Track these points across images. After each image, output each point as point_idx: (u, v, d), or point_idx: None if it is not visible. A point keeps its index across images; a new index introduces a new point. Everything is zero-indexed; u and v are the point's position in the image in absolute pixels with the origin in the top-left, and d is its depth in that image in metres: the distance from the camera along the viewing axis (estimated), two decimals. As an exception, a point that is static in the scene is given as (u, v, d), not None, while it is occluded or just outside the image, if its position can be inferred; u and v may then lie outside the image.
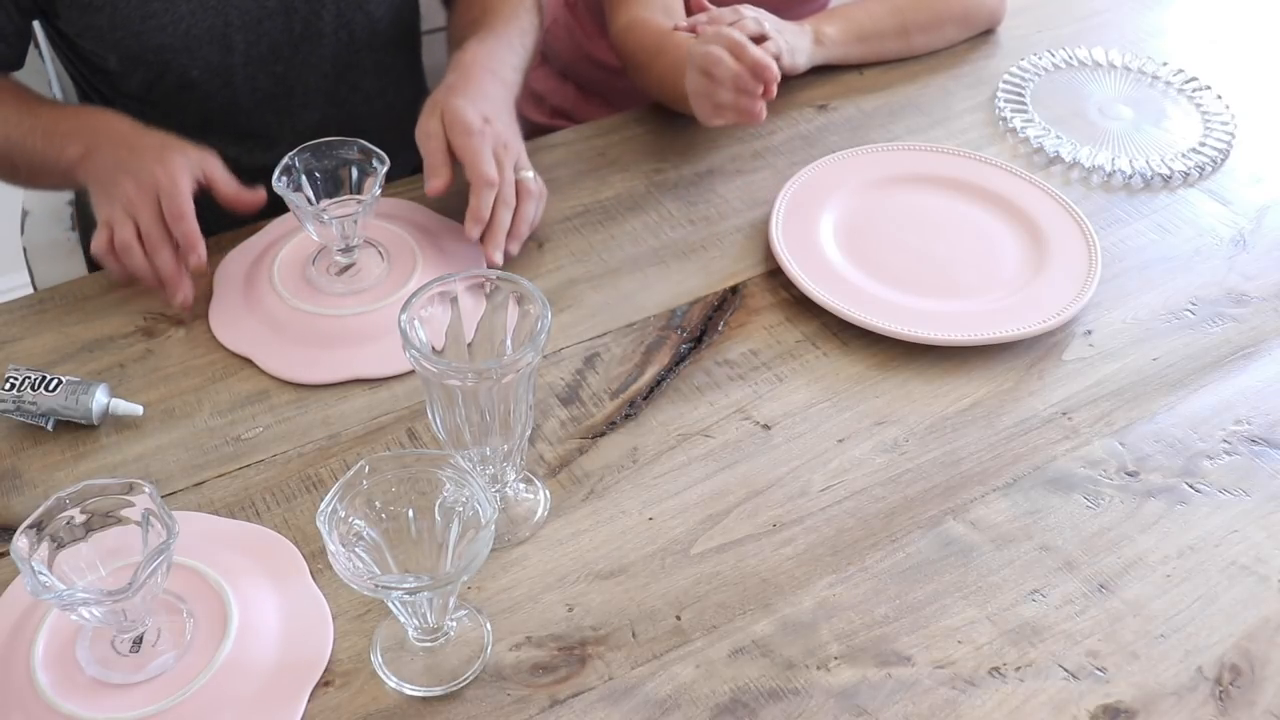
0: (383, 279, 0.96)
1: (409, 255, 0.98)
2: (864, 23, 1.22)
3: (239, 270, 0.98)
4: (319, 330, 0.91)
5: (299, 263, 0.97)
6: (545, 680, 0.71)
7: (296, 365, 0.89)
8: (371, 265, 0.97)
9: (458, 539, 0.68)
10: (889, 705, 0.70)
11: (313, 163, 0.93)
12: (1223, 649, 0.73)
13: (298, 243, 0.98)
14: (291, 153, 0.92)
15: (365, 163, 0.94)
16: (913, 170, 1.10)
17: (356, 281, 0.95)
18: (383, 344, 0.90)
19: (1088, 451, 0.85)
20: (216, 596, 0.72)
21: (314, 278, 0.95)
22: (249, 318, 0.93)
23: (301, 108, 1.14)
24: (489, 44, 1.04)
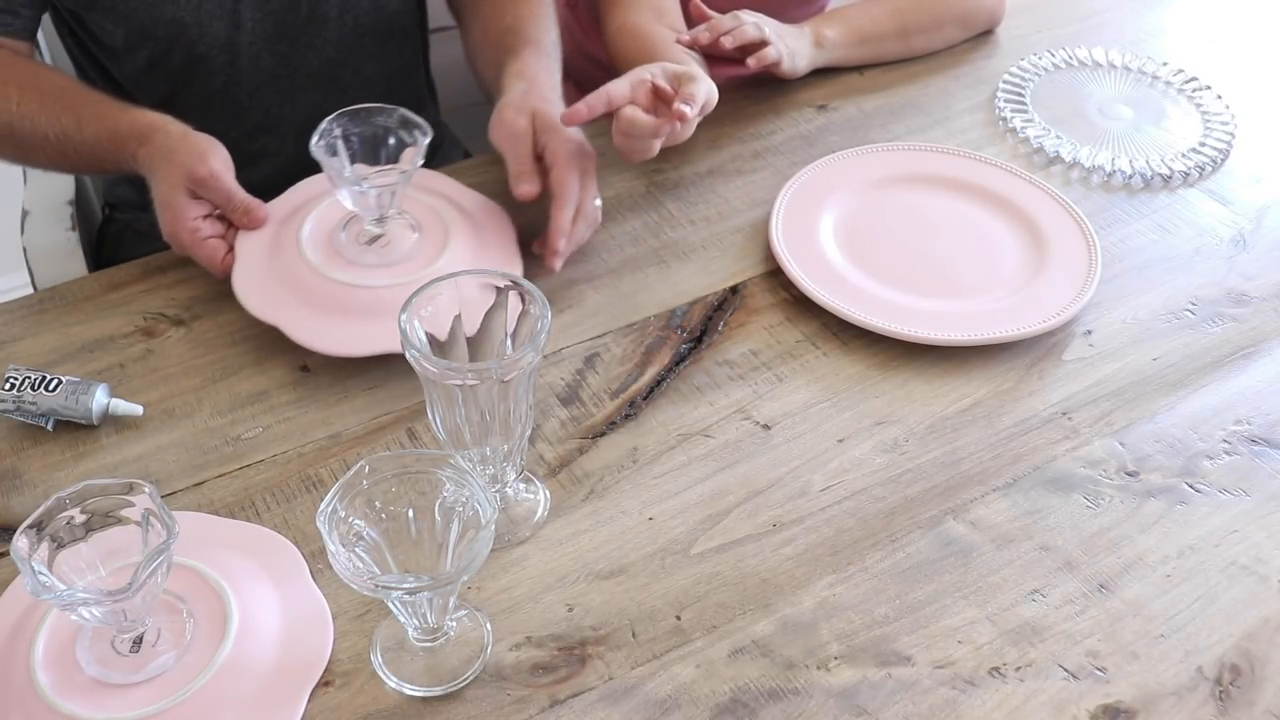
0: (414, 251, 0.93)
1: (439, 228, 0.95)
2: (864, 25, 1.22)
3: (263, 235, 0.94)
4: (353, 301, 0.89)
5: (327, 230, 0.94)
6: (545, 680, 0.71)
7: (331, 337, 0.87)
8: (403, 236, 0.94)
9: (458, 539, 0.68)
10: (889, 705, 0.70)
11: (350, 128, 0.91)
12: (1223, 649, 0.73)
13: (325, 209, 0.95)
14: (330, 117, 0.90)
15: (405, 131, 0.92)
16: (913, 170, 1.10)
17: (388, 253, 0.92)
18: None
19: (1088, 451, 0.85)
20: (216, 596, 0.72)
21: (343, 246, 0.93)
22: (276, 286, 0.90)
23: (303, 89, 1.13)
24: (545, 61, 1.04)
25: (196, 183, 0.91)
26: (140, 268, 1.00)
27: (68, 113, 0.96)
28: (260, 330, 0.94)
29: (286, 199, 0.98)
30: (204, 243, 0.91)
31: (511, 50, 1.05)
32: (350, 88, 1.16)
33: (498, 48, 1.07)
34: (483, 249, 0.95)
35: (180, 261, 1.00)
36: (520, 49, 1.05)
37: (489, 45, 1.10)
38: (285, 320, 0.88)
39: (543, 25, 1.10)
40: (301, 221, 0.94)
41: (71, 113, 0.96)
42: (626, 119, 0.95)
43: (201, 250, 0.91)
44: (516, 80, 1.00)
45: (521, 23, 1.09)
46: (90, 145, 0.96)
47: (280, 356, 0.91)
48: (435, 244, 0.94)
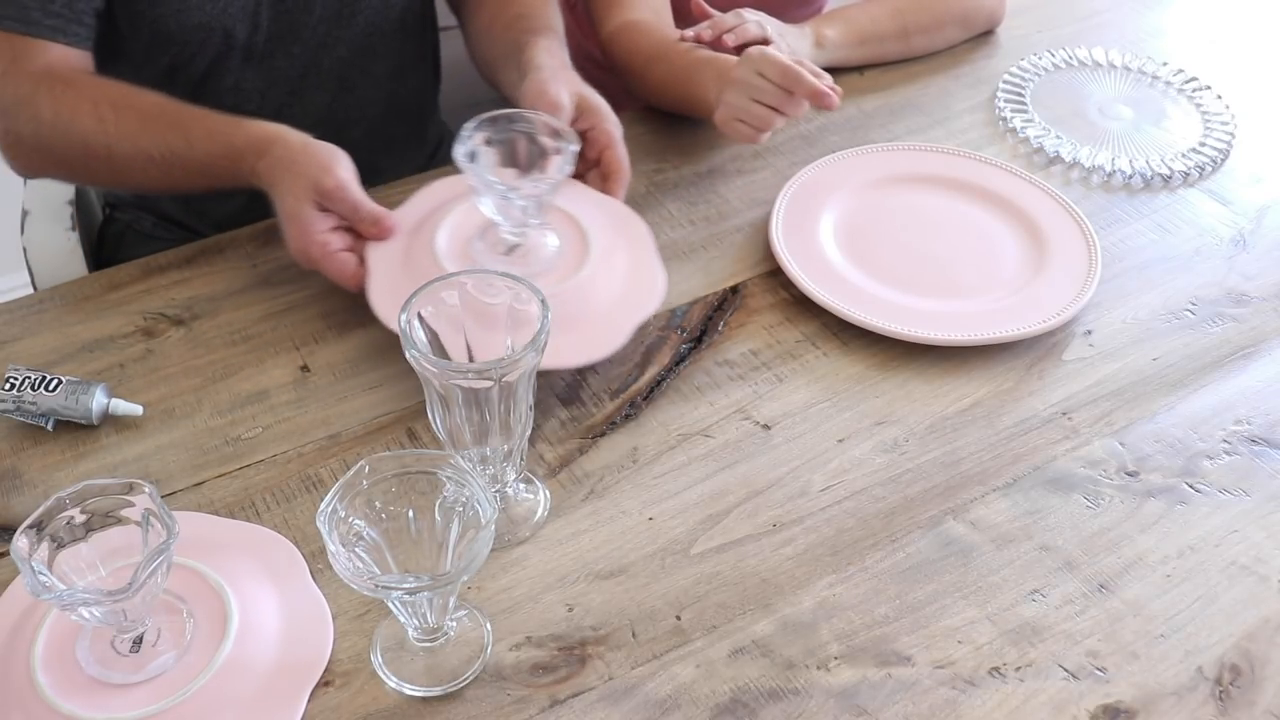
0: (555, 261, 0.89)
1: (578, 235, 0.91)
2: (864, 25, 1.22)
3: (394, 246, 0.90)
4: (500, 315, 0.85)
5: (462, 240, 0.90)
6: (545, 680, 0.71)
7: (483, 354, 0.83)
8: (542, 245, 0.90)
9: (458, 539, 0.68)
10: (889, 705, 0.70)
11: (492, 134, 0.88)
12: (1223, 649, 0.73)
13: (458, 217, 0.91)
14: (469, 123, 0.87)
15: (548, 138, 0.88)
16: (913, 170, 1.10)
17: (528, 263, 0.88)
18: (570, 334, 0.83)
19: (1088, 451, 0.85)
20: (216, 596, 0.72)
21: (480, 257, 0.88)
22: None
23: (314, 89, 1.13)
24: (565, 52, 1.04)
25: (323, 194, 0.88)
26: (140, 268, 1.00)
27: (174, 131, 0.93)
28: (260, 330, 0.94)
29: (413, 207, 0.94)
30: (334, 256, 0.88)
31: (531, 33, 1.04)
32: (359, 87, 1.16)
33: (510, 30, 1.06)
34: (623, 256, 0.91)
35: (180, 261, 1.00)
36: (541, 32, 1.04)
37: (499, 30, 1.09)
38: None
39: (555, 15, 1.09)
40: (434, 231, 0.90)
41: (178, 131, 0.93)
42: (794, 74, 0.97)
43: (332, 264, 0.88)
44: (546, 58, 0.99)
45: (533, 9, 1.08)
46: (202, 163, 0.93)
47: (280, 356, 0.91)
48: (576, 253, 0.90)
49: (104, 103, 0.94)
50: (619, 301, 0.89)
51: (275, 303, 0.96)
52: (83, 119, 0.93)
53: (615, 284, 0.90)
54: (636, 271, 0.91)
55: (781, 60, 0.98)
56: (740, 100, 1.00)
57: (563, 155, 0.87)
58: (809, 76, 0.97)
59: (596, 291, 0.88)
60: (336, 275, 0.89)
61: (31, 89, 0.94)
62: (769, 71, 0.98)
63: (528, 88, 0.96)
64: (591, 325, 0.86)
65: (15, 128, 0.95)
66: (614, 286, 0.89)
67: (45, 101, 0.94)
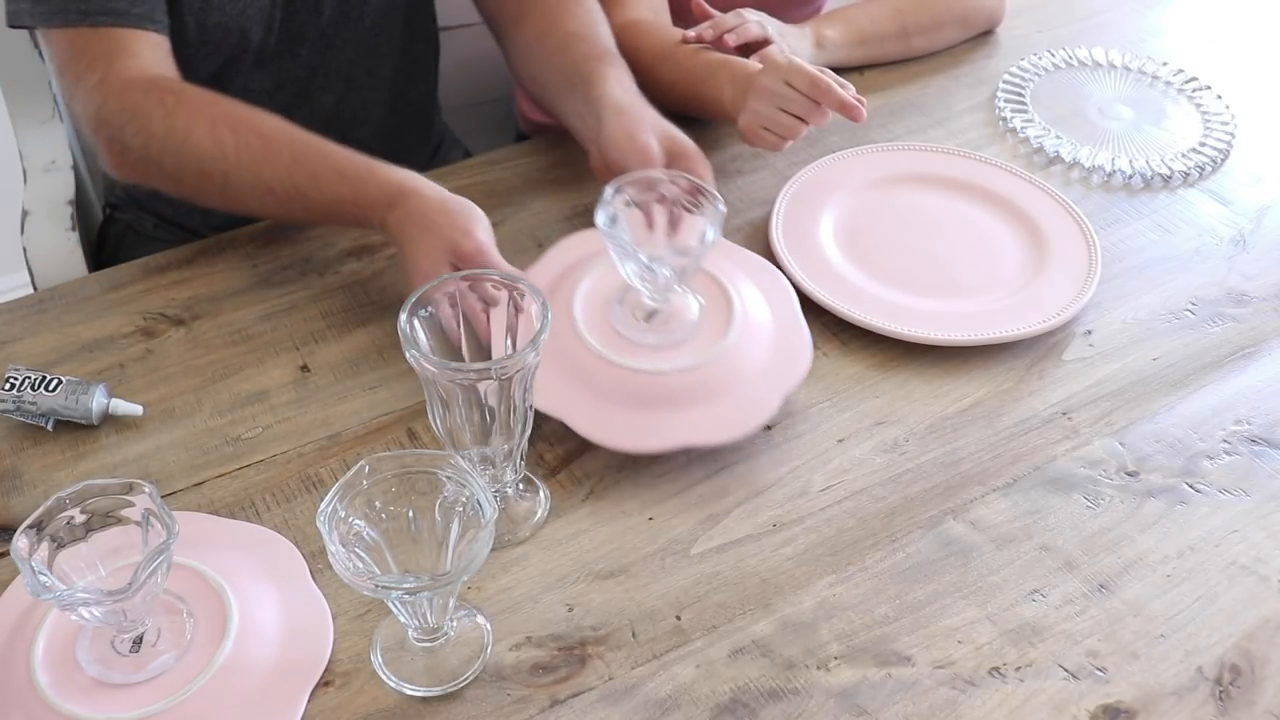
0: (698, 328, 0.84)
1: (721, 298, 0.86)
2: (864, 25, 1.22)
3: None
4: (638, 389, 0.81)
5: (599, 305, 0.85)
6: (545, 680, 0.71)
7: (619, 430, 0.80)
8: (684, 310, 0.85)
9: (458, 539, 0.68)
10: (889, 705, 0.70)
11: (631, 197, 0.83)
12: (1223, 649, 0.73)
13: (595, 281, 0.87)
14: (609, 187, 0.83)
15: (691, 199, 0.83)
16: (913, 170, 1.10)
17: (671, 331, 0.84)
18: (715, 407, 0.81)
19: (1088, 451, 0.85)
20: (216, 596, 0.72)
21: (619, 323, 0.84)
22: (554, 371, 0.82)
23: (321, 90, 1.13)
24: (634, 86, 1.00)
25: (461, 257, 0.84)
26: (140, 268, 1.00)
27: (300, 167, 0.89)
28: (260, 330, 0.94)
29: (545, 268, 0.91)
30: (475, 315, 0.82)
31: (595, 60, 1.00)
32: (365, 88, 1.16)
33: (566, 53, 1.03)
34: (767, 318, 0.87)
35: (180, 261, 1.00)
36: (605, 59, 1.00)
37: (550, 50, 1.05)
38: (569, 411, 0.81)
39: (609, 33, 1.05)
40: (571, 297, 0.86)
41: (304, 167, 0.89)
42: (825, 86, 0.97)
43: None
44: (620, 92, 0.96)
45: (587, 28, 1.05)
46: (328, 204, 0.90)
47: (280, 356, 0.91)
48: (719, 318, 0.85)
49: (222, 123, 0.90)
50: (764, 370, 0.84)
51: (275, 303, 0.96)
52: (199, 138, 0.89)
53: (760, 351, 0.85)
54: (781, 335, 0.86)
55: (810, 70, 0.98)
56: (767, 109, 1.00)
57: (709, 219, 0.82)
58: (838, 88, 0.98)
59: (741, 360, 0.83)
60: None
61: (140, 98, 0.90)
62: (797, 81, 0.98)
63: (613, 133, 0.93)
64: (737, 397, 0.82)
65: (122, 139, 0.91)
66: (759, 354, 0.84)
67: (157, 114, 0.90)
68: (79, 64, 0.92)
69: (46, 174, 1.20)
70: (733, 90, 1.04)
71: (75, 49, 0.93)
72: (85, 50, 0.92)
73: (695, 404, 0.81)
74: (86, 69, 0.92)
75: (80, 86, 0.92)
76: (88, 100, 0.91)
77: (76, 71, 0.92)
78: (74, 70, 0.92)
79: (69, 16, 0.91)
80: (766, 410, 0.82)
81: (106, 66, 0.91)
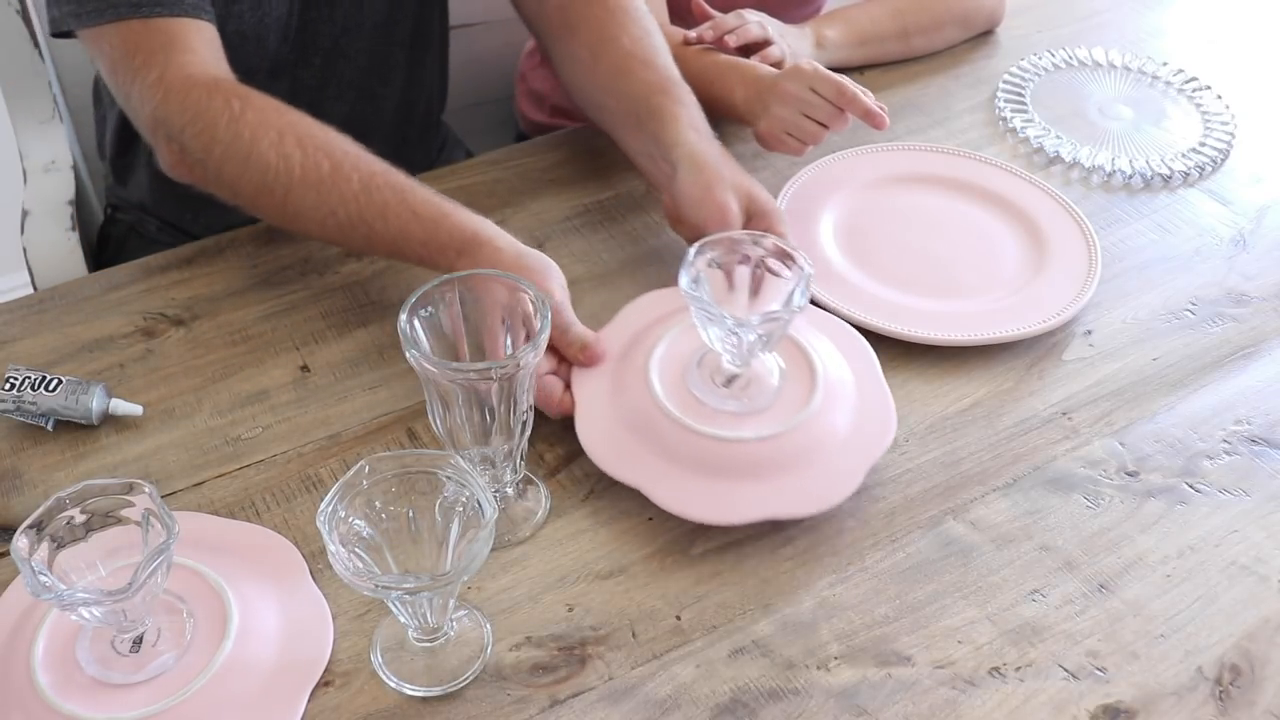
0: (777, 393, 0.81)
1: (803, 362, 0.83)
2: (865, 26, 1.22)
3: (603, 373, 0.84)
4: (718, 457, 0.77)
5: (677, 369, 0.82)
6: (545, 680, 0.71)
7: (698, 501, 0.77)
8: (766, 375, 0.82)
9: (458, 539, 0.68)
10: (889, 705, 0.70)
11: (716, 257, 0.80)
12: (1223, 649, 0.73)
13: (672, 344, 0.84)
14: (693, 248, 0.80)
15: (776, 260, 0.80)
16: (913, 170, 1.10)
17: (752, 397, 0.81)
18: (797, 477, 0.78)
19: (1088, 451, 0.85)
20: (216, 596, 0.72)
21: (698, 387, 0.81)
22: (630, 437, 0.80)
23: (334, 99, 1.12)
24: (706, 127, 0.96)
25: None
26: (140, 268, 1.00)
27: (369, 198, 0.85)
28: (260, 330, 0.94)
29: (620, 327, 0.88)
30: (542, 380, 0.82)
31: (662, 93, 0.96)
32: (376, 96, 1.16)
33: (625, 78, 0.98)
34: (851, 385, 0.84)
35: (180, 262, 1.00)
36: (671, 92, 0.96)
37: (607, 71, 1.00)
38: (644, 479, 0.78)
39: (668, 52, 1.01)
40: (648, 361, 0.83)
41: (374, 199, 0.86)
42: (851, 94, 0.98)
43: (538, 389, 0.81)
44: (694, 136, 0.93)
45: (645, 50, 0.99)
46: (394, 238, 0.86)
47: (280, 356, 0.91)
48: (802, 385, 0.82)
49: (290, 137, 0.86)
50: (848, 440, 0.80)
51: (275, 303, 0.96)
52: (264, 150, 0.86)
53: (843, 417, 0.81)
54: (865, 403, 0.83)
55: (836, 77, 0.99)
56: (791, 115, 1.01)
57: (797, 285, 0.78)
58: (862, 95, 0.98)
59: (824, 427, 0.80)
60: (542, 400, 0.82)
61: (204, 98, 0.87)
62: (823, 88, 0.99)
63: (689, 190, 0.90)
64: (820, 467, 0.78)
65: (181, 140, 0.87)
66: (842, 420, 0.81)
67: (222, 118, 0.86)
68: (134, 60, 0.88)
69: (46, 174, 1.20)
70: (745, 92, 1.04)
71: (129, 45, 0.89)
72: (140, 45, 0.88)
73: (777, 474, 0.77)
74: (143, 65, 0.88)
75: (137, 83, 0.88)
76: (145, 98, 0.88)
77: (132, 68, 0.88)
78: (129, 67, 0.88)
79: (120, 10, 0.88)
80: (851, 482, 0.78)
81: (165, 62, 0.88)
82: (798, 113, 1.00)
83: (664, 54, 1.00)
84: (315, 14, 1.06)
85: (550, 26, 1.06)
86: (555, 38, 1.06)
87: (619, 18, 1.01)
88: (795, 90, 1.00)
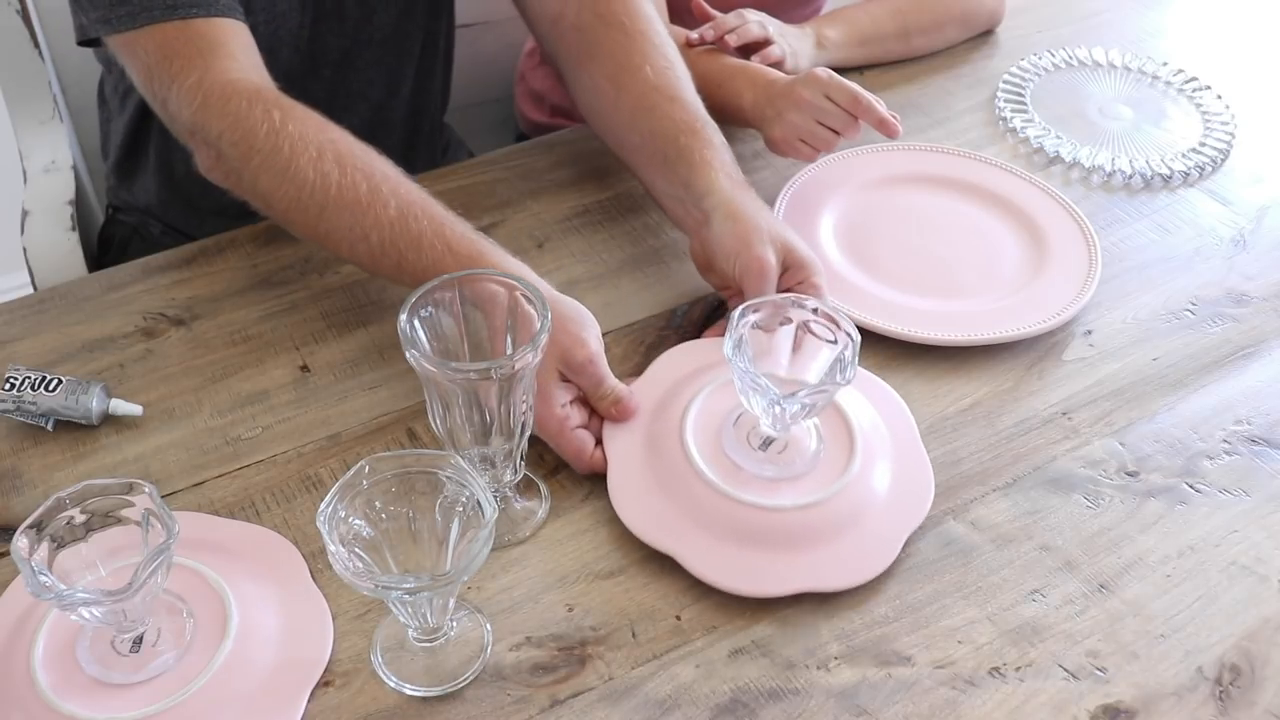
0: (817, 460, 0.79)
1: (842, 428, 0.81)
2: (865, 26, 1.22)
3: (635, 430, 0.82)
4: (755, 526, 0.76)
5: (712, 429, 0.80)
6: (545, 680, 0.71)
7: (734, 570, 0.74)
8: (802, 438, 0.80)
9: (458, 539, 0.68)
10: (889, 705, 0.70)
11: (760, 320, 0.79)
12: (1223, 649, 0.73)
13: (707, 401, 0.82)
14: (737, 310, 0.78)
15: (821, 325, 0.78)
16: (913, 170, 1.10)
17: (788, 463, 0.79)
18: (836, 548, 0.76)
19: (1088, 451, 0.85)
20: (216, 596, 0.72)
21: (733, 451, 0.79)
22: (664, 501, 0.78)
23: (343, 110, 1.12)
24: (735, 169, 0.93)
25: (572, 368, 0.80)
26: (140, 268, 1.00)
27: (405, 226, 0.83)
28: (260, 330, 0.94)
29: (652, 382, 0.86)
30: (573, 434, 0.80)
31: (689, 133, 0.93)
32: (385, 107, 1.16)
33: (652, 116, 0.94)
34: (889, 451, 0.82)
35: (180, 261, 1.00)
36: (699, 132, 0.93)
37: (632, 107, 0.96)
38: (679, 546, 0.76)
39: (691, 83, 0.97)
40: (682, 419, 0.81)
41: (410, 228, 0.83)
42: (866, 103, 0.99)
43: (569, 443, 0.80)
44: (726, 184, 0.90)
45: (669, 82, 0.96)
46: (426, 269, 0.82)
47: (280, 356, 0.91)
48: (840, 446, 0.80)
49: (329, 154, 0.84)
50: (886, 507, 0.78)
51: (275, 303, 0.96)
52: (302, 165, 0.84)
53: (883, 483, 0.79)
54: (903, 465, 0.81)
55: (850, 85, 0.99)
56: (805, 121, 1.01)
57: (844, 352, 0.77)
58: (876, 104, 0.99)
59: (863, 495, 0.78)
60: (573, 455, 0.81)
61: (245, 107, 0.85)
62: (838, 96, 0.99)
63: (726, 242, 0.87)
64: (859, 537, 0.77)
65: (219, 146, 0.86)
66: (881, 487, 0.79)
67: (261, 128, 0.84)
68: (173, 65, 0.86)
69: (46, 174, 1.20)
70: (754, 97, 1.04)
71: (166, 49, 0.86)
72: (178, 50, 0.86)
73: (815, 544, 0.75)
74: (181, 70, 0.86)
75: (174, 88, 0.86)
76: (183, 102, 0.86)
77: (170, 73, 0.86)
78: (166, 72, 0.86)
79: (154, 14, 0.86)
80: (889, 553, 0.76)
81: (204, 67, 0.86)
82: (811, 119, 1.01)
83: (689, 87, 0.97)
84: (325, 26, 1.06)
85: (568, 51, 1.02)
86: (574, 64, 1.01)
87: (640, 45, 0.97)
88: (810, 97, 1.00)
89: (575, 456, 0.81)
